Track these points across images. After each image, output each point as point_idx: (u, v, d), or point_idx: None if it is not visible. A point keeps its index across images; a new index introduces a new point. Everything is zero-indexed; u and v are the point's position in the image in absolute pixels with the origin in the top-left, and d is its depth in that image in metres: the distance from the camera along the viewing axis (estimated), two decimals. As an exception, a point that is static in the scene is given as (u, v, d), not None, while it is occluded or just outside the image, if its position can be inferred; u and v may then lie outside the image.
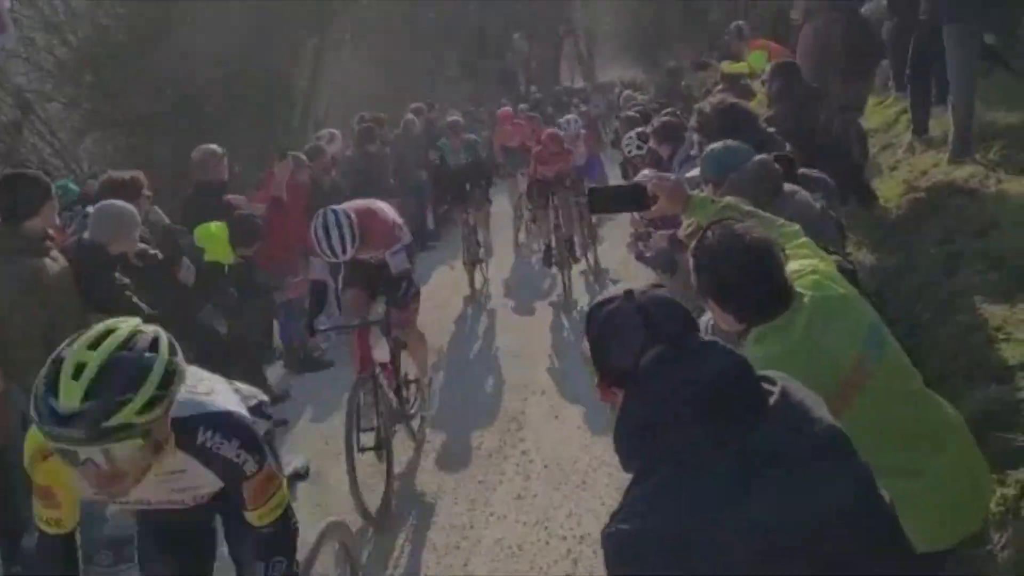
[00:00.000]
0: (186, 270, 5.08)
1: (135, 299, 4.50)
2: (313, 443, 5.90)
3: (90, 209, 4.81)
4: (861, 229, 5.74)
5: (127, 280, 4.56)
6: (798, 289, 2.26)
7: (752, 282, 2.19)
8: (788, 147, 4.29)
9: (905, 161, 6.57)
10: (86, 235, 4.58)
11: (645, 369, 1.61)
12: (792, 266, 2.34)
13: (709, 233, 2.25)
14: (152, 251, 4.84)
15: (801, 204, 3.57)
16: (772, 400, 1.60)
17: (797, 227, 2.64)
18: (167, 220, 5.76)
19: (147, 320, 2.26)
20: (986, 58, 5.95)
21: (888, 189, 6.23)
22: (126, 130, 14.17)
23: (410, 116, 12.37)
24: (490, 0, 31.85)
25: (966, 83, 5.55)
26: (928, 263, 4.90)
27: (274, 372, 7.36)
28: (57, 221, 4.34)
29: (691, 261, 2.30)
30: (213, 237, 5.81)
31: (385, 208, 5.40)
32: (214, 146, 6.53)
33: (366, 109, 13.00)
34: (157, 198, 6.10)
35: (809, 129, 5.08)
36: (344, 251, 4.79)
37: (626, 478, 1.65)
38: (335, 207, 4.91)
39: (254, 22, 14.87)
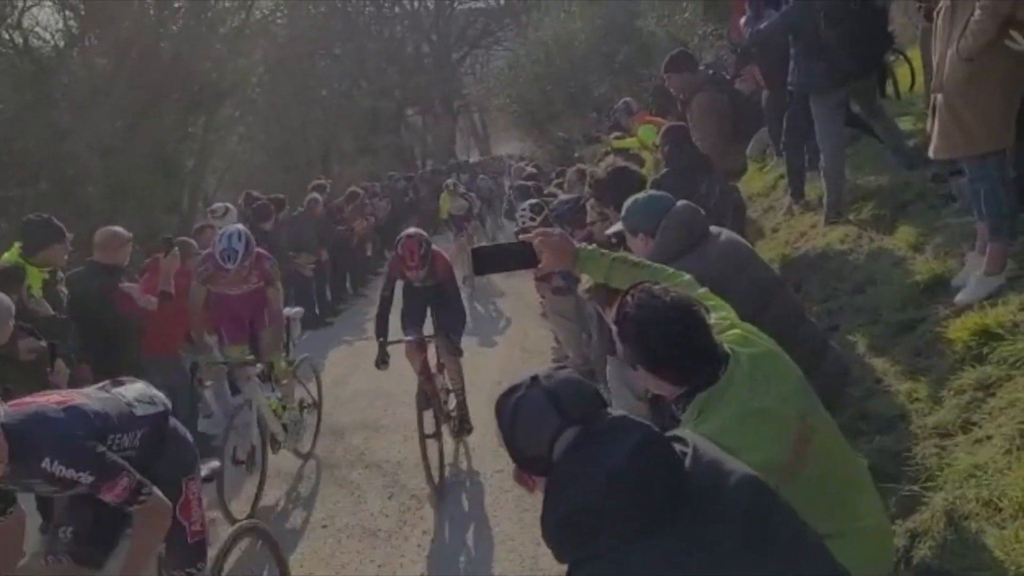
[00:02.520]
0: (59, 373, 4.74)
1: None
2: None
3: None
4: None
5: None
6: (728, 346, 2.22)
7: (682, 344, 2.12)
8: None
9: (785, 223, 6.84)
10: None
11: (561, 457, 1.61)
12: (711, 319, 2.31)
13: (628, 298, 2.18)
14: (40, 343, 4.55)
15: (732, 242, 3.63)
16: (688, 462, 1.61)
17: (689, 277, 2.64)
18: (50, 310, 5.38)
19: None
20: (852, 126, 6.32)
21: (770, 250, 6.45)
22: (-5, 213, 13.52)
23: (314, 195, 12.26)
24: (383, 78, 32.34)
25: (834, 149, 5.84)
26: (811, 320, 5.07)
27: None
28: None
29: (615, 331, 2.23)
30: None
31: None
32: (120, 229, 6.25)
33: (257, 187, 12.85)
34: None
35: (691, 194, 5.22)
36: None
37: (536, 556, 1.60)
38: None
39: (138, 101, 14.59)
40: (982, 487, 2.87)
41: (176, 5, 16.66)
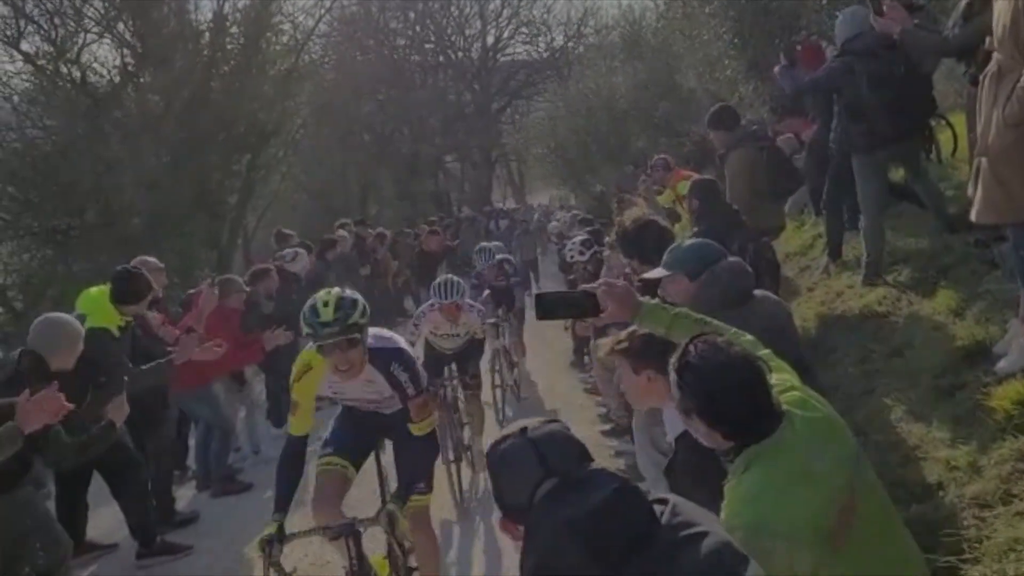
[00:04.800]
0: (118, 407, 4.75)
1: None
2: (224, 569, 5.53)
3: None
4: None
5: None
6: (784, 407, 2.20)
7: (742, 399, 2.12)
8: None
9: (822, 283, 6.77)
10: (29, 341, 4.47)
11: (537, 507, 1.66)
12: (771, 378, 2.29)
13: (691, 348, 2.18)
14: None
15: (773, 306, 3.58)
16: (663, 519, 1.65)
17: (752, 337, 2.62)
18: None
19: None
20: (894, 194, 6.28)
21: (806, 310, 6.39)
22: (42, 240, 13.82)
23: (342, 233, 12.32)
24: (424, 124, 32.85)
25: (875, 209, 5.80)
26: (847, 383, 4.98)
27: (184, 494, 6.97)
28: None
29: (673, 377, 2.22)
30: (93, 300, 5.44)
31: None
32: (152, 259, 6.37)
33: (296, 227, 13.01)
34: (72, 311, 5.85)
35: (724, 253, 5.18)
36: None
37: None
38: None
39: (186, 138, 14.94)
40: (1022, 562, 2.77)
41: (229, 47, 17.13)
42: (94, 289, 5.57)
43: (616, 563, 1.55)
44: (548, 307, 2.93)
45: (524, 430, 1.75)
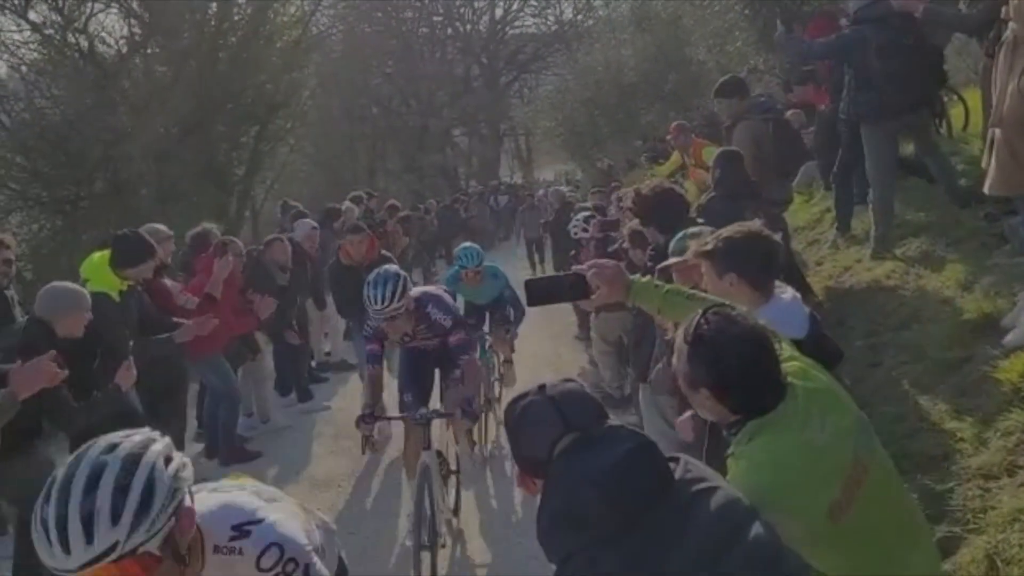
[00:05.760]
0: (126, 372, 4.75)
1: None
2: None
3: None
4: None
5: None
6: (788, 378, 2.17)
7: (754, 373, 2.07)
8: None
9: (830, 257, 6.75)
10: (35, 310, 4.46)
11: (557, 459, 1.73)
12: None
13: (703, 321, 2.11)
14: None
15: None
16: (677, 474, 1.73)
17: (744, 309, 2.61)
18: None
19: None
20: (903, 168, 6.25)
21: (814, 284, 6.37)
22: (51, 210, 13.85)
23: (348, 204, 12.23)
24: (432, 98, 32.69)
25: (884, 181, 5.78)
26: (854, 356, 4.98)
27: (192, 462, 7.02)
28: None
29: (684, 350, 2.13)
30: (95, 265, 5.36)
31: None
32: (162, 226, 6.35)
33: (304, 200, 12.97)
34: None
35: (737, 219, 5.17)
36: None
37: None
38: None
39: (194, 110, 14.90)
40: (1027, 532, 2.79)
41: (236, 18, 17.02)
42: (96, 254, 5.53)
43: (633, 514, 1.63)
44: (538, 293, 2.89)
45: (543, 388, 1.82)
